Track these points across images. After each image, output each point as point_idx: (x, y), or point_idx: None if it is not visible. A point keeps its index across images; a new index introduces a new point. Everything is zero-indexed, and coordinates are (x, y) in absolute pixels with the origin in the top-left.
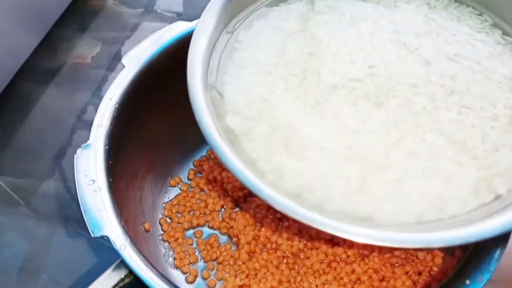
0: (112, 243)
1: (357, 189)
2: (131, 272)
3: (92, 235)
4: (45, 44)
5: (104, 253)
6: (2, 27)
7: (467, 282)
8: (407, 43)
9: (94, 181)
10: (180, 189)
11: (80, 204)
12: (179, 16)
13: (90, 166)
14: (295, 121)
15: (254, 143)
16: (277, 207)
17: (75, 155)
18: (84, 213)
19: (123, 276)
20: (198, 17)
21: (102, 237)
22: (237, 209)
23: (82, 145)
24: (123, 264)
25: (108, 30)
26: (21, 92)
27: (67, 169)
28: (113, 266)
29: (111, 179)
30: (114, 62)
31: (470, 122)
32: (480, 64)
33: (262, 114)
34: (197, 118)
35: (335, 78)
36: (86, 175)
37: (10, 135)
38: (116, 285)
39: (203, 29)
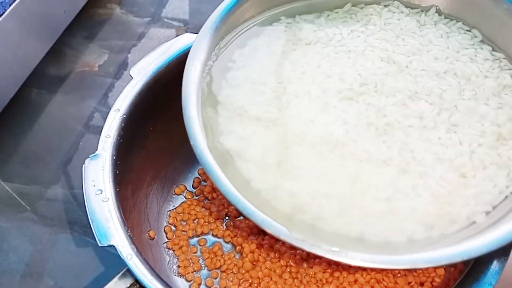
0: (119, 252)
1: (349, 208)
2: (137, 281)
3: (100, 244)
4: (53, 52)
5: (110, 259)
6: (12, 35)
7: None
8: (397, 61)
9: (101, 191)
10: (185, 197)
11: (88, 214)
12: (186, 25)
13: (98, 176)
14: (288, 140)
15: (248, 163)
16: (269, 231)
17: (83, 166)
18: (92, 222)
19: (129, 285)
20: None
21: (109, 246)
22: (241, 217)
23: (90, 156)
24: (129, 273)
25: (115, 39)
26: (29, 99)
27: (73, 175)
28: (119, 275)
29: (118, 188)
30: (121, 70)
31: (457, 139)
32: (468, 80)
33: (256, 134)
34: (192, 143)
35: (327, 98)
36: (94, 185)
37: (18, 141)
38: None
39: (197, 53)
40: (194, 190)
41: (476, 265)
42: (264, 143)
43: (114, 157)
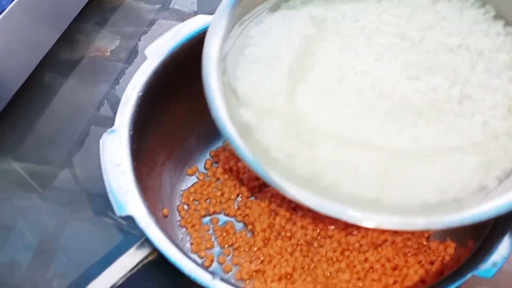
0: (137, 222)
1: (365, 174)
2: (155, 250)
3: (117, 214)
4: (66, 38)
5: (124, 237)
6: (25, 20)
7: (480, 266)
8: (411, 37)
9: (119, 164)
10: (197, 178)
11: (106, 185)
12: (195, 13)
13: (115, 150)
14: (305, 111)
15: (266, 134)
16: (289, 196)
17: (100, 140)
18: (110, 193)
19: (147, 254)
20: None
21: (126, 216)
22: (252, 198)
23: (108, 130)
24: (147, 243)
25: (126, 25)
26: (42, 82)
27: (85, 157)
28: (137, 244)
29: (135, 163)
30: (132, 56)
31: (470, 111)
32: (481, 55)
33: (274, 106)
34: (213, 115)
35: (342, 72)
36: (111, 158)
37: (31, 123)
38: (140, 262)
39: (215, 29)
40: (206, 171)
41: (489, 240)
42: (282, 115)
43: (131, 132)
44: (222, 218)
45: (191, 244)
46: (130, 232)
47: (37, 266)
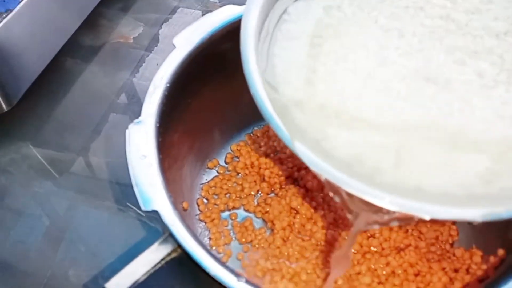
0: (162, 217)
1: (407, 160)
2: (178, 247)
3: (143, 209)
4: (89, 23)
5: (144, 230)
6: (49, 4)
7: None
8: (456, 19)
9: (145, 156)
10: (217, 172)
11: (132, 178)
12: (220, 1)
13: (141, 142)
14: (346, 92)
15: (305, 114)
16: (331, 179)
17: (127, 130)
18: (136, 186)
19: (170, 251)
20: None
21: (152, 211)
22: (273, 195)
23: (134, 121)
24: (170, 238)
25: (149, 12)
26: (64, 68)
27: (104, 145)
28: (160, 240)
29: (161, 156)
30: (153, 43)
31: None
32: None
33: (313, 85)
34: (252, 91)
35: (386, 52)
36: (138, 150)
37: (52, 109)
38: (163, 258)
39: (252, 9)
40: (227, 165)
41: None
42: (322, 95)
43: (158, 125)
44: (242, 213)
45: (210, 239)
46: (149, 224)
47: (54, 254)
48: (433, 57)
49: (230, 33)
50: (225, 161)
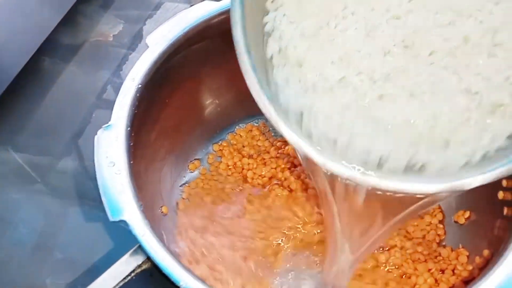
0: (131, 228)
1: (385, 133)
2: (148, 259)
3: (111, 219)
4: (67, 21)
5: (121, 234)
6: (25, 2)
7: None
8: None
9: (114, 163)
10: (200, 173)
11: (100, 187)
12: None
13: (111, 148)
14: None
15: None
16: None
17: (95, 136)
18: (103, 196)
19: (140, 263)
20: None
21: (120, 221)
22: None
23: (103, 126)
24: (140, 250)
25: (131, 9)
26: (42, 68)
27: (85, 147)
28: (131, 251)
29: (131, 161)
30: (136, 41)
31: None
32: None
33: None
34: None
35: (375, 17)
36: (106, 157)
37: (30, 111)
38: (133, 271)
39: None
40: (208, 166)
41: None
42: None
43: (129, 129)
44: None
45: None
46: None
47: (33, 262)
48: (421, 21)
49: (207, 30)
50: (207, 162)
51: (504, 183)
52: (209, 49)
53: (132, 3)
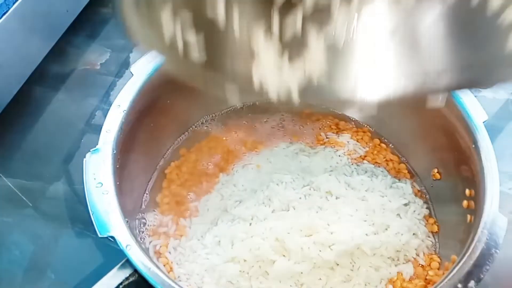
0: (118, 243)
1: None
2: (136, 271)
3: (99, 235)
4: (56, 51)
5: (110, 254)
6: (15, 34)
7: (459, 286)
8: None
9: (102, 184)
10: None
11: (88, 205)
12: None
13: (98, 170)
14: None
15: None
16: None
17: (84, 159)
18: (92, 214)
19: (128, 275)
20: None
21: (108, 237)
22: None
23: (91, 150)
24: (128, 263)
25: (117, 38)
26: (32, 96)
27: (75, 172)
28: (119, 265)
29: (118, 182)
30: (122, 69)
31: None
32: None
33: None
34: None
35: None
36: (94, 178)
37: (21, 138)
38: (121, 283)
39: None
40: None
41: (470, 257)
42: None
43: (114, 152)
44: None
45: None
46: (118, 248)
47: (26, 282)
48: None
49: None
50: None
51: (467, 192)
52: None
53: (118, 33)
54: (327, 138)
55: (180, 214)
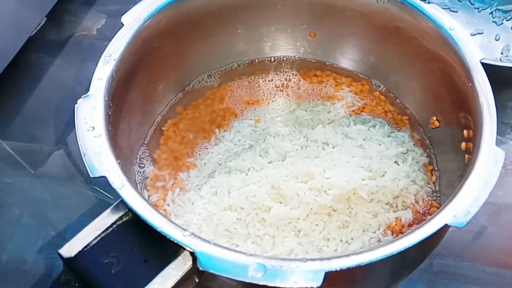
0: (110, 183)
1: None
2: (129, 211)
3: (91, 176)
4: (53, 18)
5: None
6: (4, 2)
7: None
8: None
9: (93, 128)
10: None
11: (80, 147)
12: None
13: (90, 115)
14: None
15: None
16: None
17: (75, 105)
18: (84, 156)
19: (121, 215)
20: None
21: (100, 177)
22: None
23: (82, 96)
24: (122, 204)
25: (112, 4)
26: (30, 62)
27: (73, 135)
28: (112, 206)
29: (110, 128)
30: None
31: None
32: None
33: None
34: None
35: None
36: (86, 123)
37: (20, 103)
38: (114, 223)
39: None
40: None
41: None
42: None
43: (106, 98)
44: None
45: None
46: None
47: (26, 242)
48: None
49: (179, 8)
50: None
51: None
52: (181, 27)
53: None
54: (326, 93)
55: (178, 169)
